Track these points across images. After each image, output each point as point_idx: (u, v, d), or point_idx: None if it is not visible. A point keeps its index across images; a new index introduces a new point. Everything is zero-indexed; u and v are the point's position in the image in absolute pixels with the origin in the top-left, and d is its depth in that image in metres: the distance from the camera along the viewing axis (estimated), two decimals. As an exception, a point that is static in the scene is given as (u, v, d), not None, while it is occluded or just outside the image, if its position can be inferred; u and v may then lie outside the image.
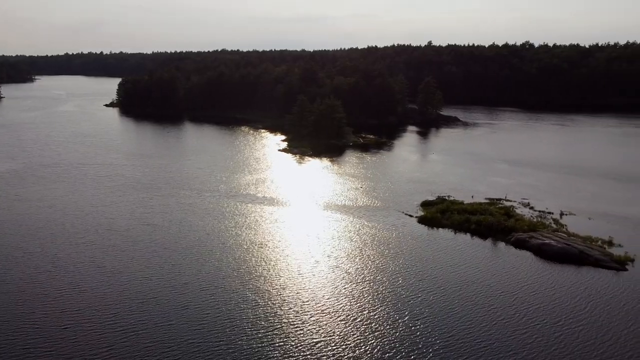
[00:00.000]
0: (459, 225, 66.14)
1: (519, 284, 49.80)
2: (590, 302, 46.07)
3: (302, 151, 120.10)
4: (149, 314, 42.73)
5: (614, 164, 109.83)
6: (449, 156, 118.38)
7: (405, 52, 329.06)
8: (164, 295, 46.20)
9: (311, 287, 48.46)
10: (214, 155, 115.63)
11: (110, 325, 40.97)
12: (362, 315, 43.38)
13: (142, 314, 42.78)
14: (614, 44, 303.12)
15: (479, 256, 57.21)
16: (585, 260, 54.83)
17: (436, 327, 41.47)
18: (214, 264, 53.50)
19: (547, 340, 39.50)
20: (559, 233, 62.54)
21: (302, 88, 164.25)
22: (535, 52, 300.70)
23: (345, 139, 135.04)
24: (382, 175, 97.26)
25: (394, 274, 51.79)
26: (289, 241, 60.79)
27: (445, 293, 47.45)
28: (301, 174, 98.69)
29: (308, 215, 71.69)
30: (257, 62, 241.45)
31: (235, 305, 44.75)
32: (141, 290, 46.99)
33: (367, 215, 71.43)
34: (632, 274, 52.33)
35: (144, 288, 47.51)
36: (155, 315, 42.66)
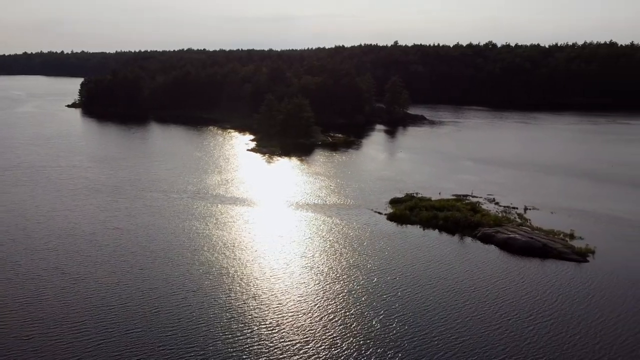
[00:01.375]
0: (427, 222, 67.07)
1: (488, 278, 50.78)
2: (559, 294, 47.28)
3: (271, 151, 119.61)
4: (116, 322, 41.48)
5: (574, 161, 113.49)
6: (416, 154, 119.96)
7: (372, 52, 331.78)
8: (132, 301, 44.91)
9: (285, 288, 48.20)
10: (182, 156, 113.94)
11: (76, 335, 39.43)
12: (337, 314, 43.33)
13: (109, 321, 41.47)
14: (572, 44, 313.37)
15: (448, 252, 58.13)
16: (549, 253, 56.44)
17: (411, 324, 41.69)
18: (185, 267, 52.55)
19: (521, 335, 40.19)
20: (524, 227, 64.17)
21: (270, 87, 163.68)
22: (498, 52, 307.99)
23: (314, 138, 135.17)
24: (351, 174, 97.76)
25: (366, 271, 52.08)
26: (260, 242, 60.36)
27: (418, 290, 47.88)
28: (270, 174, 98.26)
29: (279, 215, 71.42)
30: (224, 61, 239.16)
31: (208, 308, 44.05)
32: (108, 297, 45.56)
33: (337, 213, 71.67)
34: (592, 265, 54.14)
35: (111, 294, 46.06)
36: (123, 322, 41.40)
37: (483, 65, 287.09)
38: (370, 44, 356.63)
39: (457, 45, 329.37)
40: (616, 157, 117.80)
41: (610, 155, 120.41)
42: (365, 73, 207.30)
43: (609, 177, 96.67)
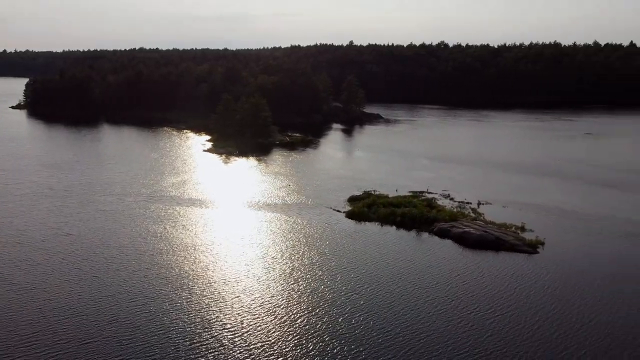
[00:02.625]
0: (385, 218, 68.11)
1: (447, 272, 51.98)
2: (514, 285, 48.96)
3: (229, 151, 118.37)
4: (70, 334, 39.69)
5: (524, 157, 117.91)
6: (373, 152, 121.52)
7: (328, 52, 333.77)
8: (86, 311, 43.02)
9: (247, 290, 47.73)
10: (136, 158, 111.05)
11: (25, 350, 37.55)
12: (302, 314, 43.26)
13: (62, 334, 39.58)
14: (519, 45, 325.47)
15: (406, 247, 59.23)
16: (502, 246, 58.46)
17: (376, 320, 42.06)
18: (142, 272, 51.16)
19: (482, 327, 41.21)
20: (477, 221, 66.18)
21: (226, 87, 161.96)
22: (450, 52, 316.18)
23: (272, 137, 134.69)
24: (309, 173, 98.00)
25: (329, 270, 52.32)
26: (221, 244, 59.57)
27: (380, 287, 48.32)
28: (228, 174, 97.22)
29: (238, 216, 70.79)
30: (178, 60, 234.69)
31: (169, 314, 43.05)
32: (60, 308, 43.50)
33: (297, 212, 71.73)
34: (542, 256, 56.49)
35: (62, 305, 44.00)
36: (77, 334, 39.61)
37: (436, 64, 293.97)
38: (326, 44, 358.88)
39: (411, 45, 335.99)
40: (561, 153, 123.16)
41: (557, 151, 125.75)
42: (321, 72, 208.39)
43: (557, 172, 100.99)
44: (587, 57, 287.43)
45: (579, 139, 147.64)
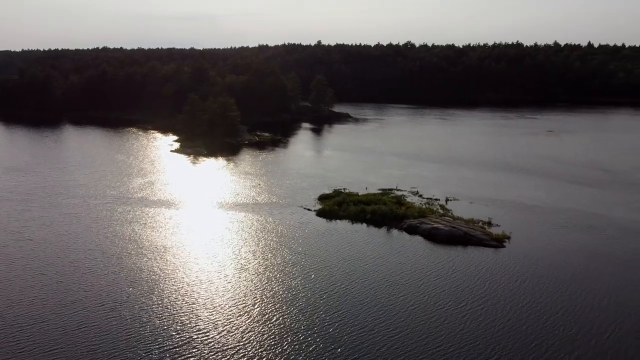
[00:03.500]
0: (355, 216, 68.52)
1: (418, 268, 52.67)
2: (484, 279, 50.12)
3: (197, 151, 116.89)
4: (36, 341, 38.47)
5: (489, 154, 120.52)
6: (342, 151, 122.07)
7: (296, 51, 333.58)
8: (52, 317, 41.74)
9: (220, 291, 47.27)
10: (100, 160, 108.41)
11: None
12: (275, 313, 43.09)
13: (26, 341, 38.40)
14: (483, 45, 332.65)
15: (377, 244, 59.73)
16: (470, 241, 59.66)
17: (349, 318, 42.22)
18: (111, 276, 49.99)
19: (455, 322, 41.92)
20: (446, 217, 67.32)
21: (193, 87, 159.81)
22: (416, 52, 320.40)
23: (241, 137, 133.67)
24: (279, 172, 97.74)
25: (301, 268, 52.30)
26: (192, 245, 58.74)
27: (353, 284, 48.58)
28: (197, 174, 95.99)
29: (208, 216, 69.99)
30: (143, 60, 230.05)
31: (139, 318, 42.23)
32: (23, 315, 42.15)
33: (267, 212, 71.43)
34: (509, 250, 57.92)
35: (26, 312, 42.64)
36: (43, 341, 38.41)
37: (403, 64, 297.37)
38: (294, 44, 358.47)
39: (378, 45, 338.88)
40: (525, 150, 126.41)
41: (521, 148, 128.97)
42: (290, 72, 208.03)
43: (521, 168, 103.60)
44: (548, 57, 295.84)
45: (542, 136, 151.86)
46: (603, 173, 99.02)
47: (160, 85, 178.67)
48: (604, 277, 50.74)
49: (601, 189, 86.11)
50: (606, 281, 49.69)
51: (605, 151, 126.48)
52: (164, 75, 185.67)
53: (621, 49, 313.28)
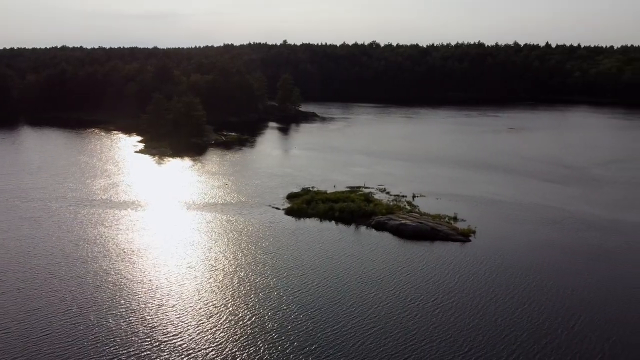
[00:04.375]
0: (324, 214, 68.82)
1: (389, 265, 53.17)
2: (452, 273, 51.18)
3: (162, 151, 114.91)
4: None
5: (453, 151, 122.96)
6: (310, 150, 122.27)
7: (262, 50, 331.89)
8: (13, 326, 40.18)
9: (190, 293, 46.63)
10: (62, 162, 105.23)
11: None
12: (248, 314, 42.75)
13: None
14: (446, 44, 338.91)
15: (347, 242, 60.15)
16: (437, 236, 60.82)
17: (322, 316, 42.28)
18: (75, 280, 48.52)
19: (427, 316, 42.56)
20: (413, 213, 68.40)
21: (157, 86, 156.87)
22: (381, 51, 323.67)
23: (207, 137, 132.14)
24: (247, 172, 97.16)
25: (272, 268, 52.10)
26: (159, 247, 57.69)
27: (325, 282, 48.66)
28: (163, 175, 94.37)
29: (176, 217, 68.96)
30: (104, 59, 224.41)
31: (106, 323, 41.17)
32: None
33: (236, 211, 70.93)
34: (475, 244, 59.35)
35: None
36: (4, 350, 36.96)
37: (368, 63, 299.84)
38: (260, 43, 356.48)
39: (344, 44, 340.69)
40: (488, 146, 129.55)
41: (484, 145, 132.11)
42: (256, 71, 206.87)
43: (485, 164, 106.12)
44: (508, 56, 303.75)
45: (504, 133, 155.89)
46: (563, 168, 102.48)
47: (122, 84, 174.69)
48: (567, 268, 52.57)
49: (561, 184, 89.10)
50: (569, 272, 51.50)
51: (564, 147, 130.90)
52: (126, 75, 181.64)
53: (577, 49, 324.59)
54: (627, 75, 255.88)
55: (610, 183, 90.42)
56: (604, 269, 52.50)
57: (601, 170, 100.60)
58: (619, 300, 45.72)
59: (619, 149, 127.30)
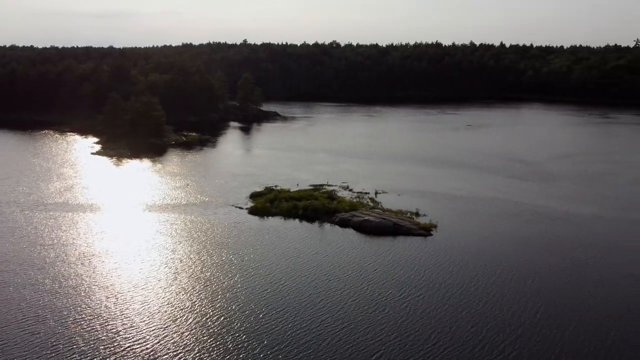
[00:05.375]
0: (288, 212, 68.78)
1: (354, 261, 53.36)
2: (417, 267, 51.87)
3: (119, 153, 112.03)
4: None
5: (414, 148, 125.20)
6: (272, 149, 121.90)
7: (222, 50, 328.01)
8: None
9: (155, 297, 45.52)
10: (13, 164, 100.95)
11: None
12: (216, 315, 42.02)
13: None
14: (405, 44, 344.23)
15: (312, 239, 60.28)
16: (399, 231, 61.79)
17: (292, 314, 42.02)
18: (32, 287, 46.43)
19: (395, 311, 42.87)
20: (376, 210, 69.26)
21: (114, 86, 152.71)
22: (342, 51, 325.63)
23: (166, 137, 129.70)
24: (208, 172, 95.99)
25: (237, 268, 51.50)
26: (121, 250, 56.05)
27: (292, 281, 48.32)
28: (122, 177, 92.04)
29: (137, 219, 67.38)
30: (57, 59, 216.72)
31: (67, 331, 39.63)
32: None
33: (199, 212, 69.98)
34: (436, 238, 60.63)
35: None
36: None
37: (329, 62, 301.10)
38: (219, 42, 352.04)
39: (304, 44, 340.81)
40: (448, 143, 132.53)
41: (443, 142, 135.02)
42: (216, 70, 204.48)
43: (445, 161, 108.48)
44: (465, 56, 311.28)
45: (462, 130, 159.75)
46: (519, 164, 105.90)
47: (77, 84, 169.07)
48: (525, 258, 54.38)
49: (518, 179, 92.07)
50: (529, 263, 53.27)
51: (519, 143, 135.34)
52: (80, 75, 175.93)
53: (530, 48, 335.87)
54: (576, 74, 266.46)
55: (564, 177, 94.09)
56: (559, 258, 54.58)
57: (555, 165, 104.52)
58: (575, 288, 47.64)
59: (571, 145, 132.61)
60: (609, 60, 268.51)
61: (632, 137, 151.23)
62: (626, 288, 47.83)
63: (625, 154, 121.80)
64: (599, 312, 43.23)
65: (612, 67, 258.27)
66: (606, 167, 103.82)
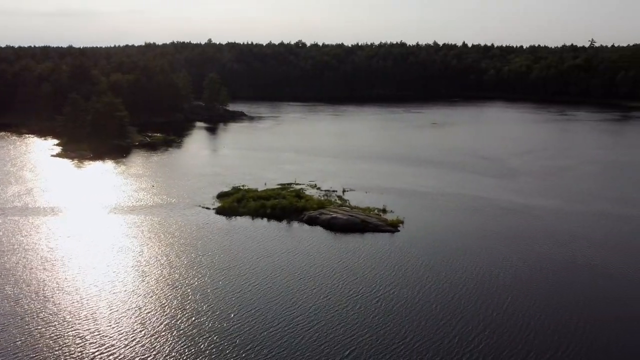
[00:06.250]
0: (255, 211, 68.60)
1: (325, 259, 53.69)
2: (386, 262, 52.74)
3: (81, 154, 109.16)
4: None
5: (380, 146, 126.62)
6: (239, 149, 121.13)
7: (186, 50, 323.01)
8: None
9: (123, 301, 44.66)
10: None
11: None
12: (185, 316, 41.63)
13: None
14: (370, 44, 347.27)
15: (280, 238, 60.31)
16: (367, 227, 62.51)
17: (263, 314, 41.95)
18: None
19: (366, 307, 43.38)
20: (344, 207, 69.83)
21: (74, 86, 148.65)
22: (308, 50, 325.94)
23: (130, 138, 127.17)
24: (174, 173, 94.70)
25: (207, 269, 51.07)
26: (86, 254, 54.67)
27: (263, 280, 48.23)
28: (84, 179, 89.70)
29: (102, 222, 65.88)
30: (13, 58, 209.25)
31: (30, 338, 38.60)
32: None
33: (164, 213, 69.00)
34: (402, 233, 61.68)
35: None
36: None
37: (295, 62, 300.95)
38: (183, 42, 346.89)
39: (270, 44, 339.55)
40: (413, 141, 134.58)
41: (409, 139, 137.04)
42: (180, 70, 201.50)
43: (411, 158, 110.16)
44: (429, 55, 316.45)
45: (427, 128, 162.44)
46: (482, 160, 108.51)
47: (35, 85, 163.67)
48: (491, 252, 55.88)
49: (481, 174, 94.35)
50: (491, 255, 54.81)
51: (483, 140, 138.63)
52: (39, 75, 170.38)
53: (491, 48, 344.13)
54: (535, 73, 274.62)
55: (525, 172, 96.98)
56: (521, 250, 56.35)
57: (516, 161, 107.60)
58: (539, 278, 49.31)
59: (531, 141, 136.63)
60: (566, 59, 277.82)
61: (587, 134, 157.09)
62: (585, 275, 49.84)
63: (581, 149, 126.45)
64: (562, 300, 44.91)
65: (568, 67, 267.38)
66: (564, 162, 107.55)
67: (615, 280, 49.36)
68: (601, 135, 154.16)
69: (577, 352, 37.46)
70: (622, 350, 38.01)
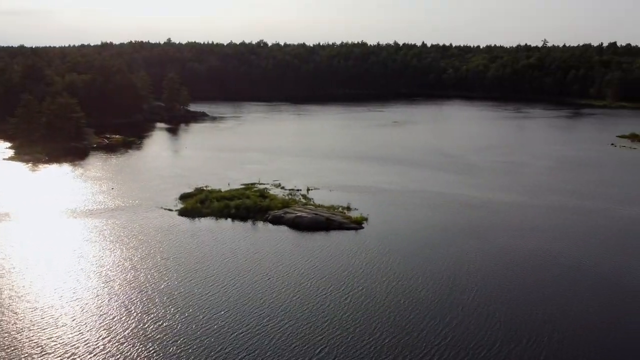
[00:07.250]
0: (219, 212, 67.94)
1: (292, 258, 53.51)
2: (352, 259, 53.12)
3: (35, 157, 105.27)
4: None
5: (343, 144, 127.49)
6: (201, 149, 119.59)
7: (144, 49, 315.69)
8: None
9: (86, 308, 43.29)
10: None
11: None
12: (153, 321, 40.72)
13: None
14: (332, 44, 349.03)
15: (246, 238, 59.93)
16: (332, 225, 62.88)
17: (233, 315, 41.48)
18: None
19: (337, 305, 43.48)
20: (308, 206, 70.02)
21: (26, 87, 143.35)
22: (269, 50, 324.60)
23: (87, 140, 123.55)
24: (135, 175, 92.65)
25: (172, 272, 50.09)
26: (43, 261, 52.58)
27: (231, 282, 47.68)
28: (39, 183, 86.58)
29: (60, 227, 63.68)
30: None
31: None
32: None
33: (125, 216, 67.42)
34: (367, 230, 62.42)
35: None
36: None
37: (257, 62, 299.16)
38: (142, 41, 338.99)
39: (231, 43, 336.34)
40: (375, 139, 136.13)
41: (371, 138, 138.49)
42: (139, 70, 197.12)
43: (373, 156, 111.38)
44: (390, 55, 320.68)
45: (389, 126, 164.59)
46: (442, 157, 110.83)
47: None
48: (453, 245, 57.22)
49: (442, 171, 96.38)
50: (453, 249, 56.10)
51: (443, 138, 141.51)
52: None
53: (449, 48, 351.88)
54: (491, 72, 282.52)
55: (484, 168, 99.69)
56: (483, 243, 57.93)
57: (475, 157, 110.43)
58: (502, 270, 50.82)
59: (489, 138, 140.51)
60: (521, 59, 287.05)
61: (542, 130, 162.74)
62: (544, 265, 51.71)
63: (536, 145, 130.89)
64: (524, 290, 46.45)
65: (523, 66, 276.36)
66: (520, 158, 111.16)
67: (573, 269, 51.39)
68: (554, 131, 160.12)
69: (540, 341, 38.73)
70: (581, 337, 39.63)
